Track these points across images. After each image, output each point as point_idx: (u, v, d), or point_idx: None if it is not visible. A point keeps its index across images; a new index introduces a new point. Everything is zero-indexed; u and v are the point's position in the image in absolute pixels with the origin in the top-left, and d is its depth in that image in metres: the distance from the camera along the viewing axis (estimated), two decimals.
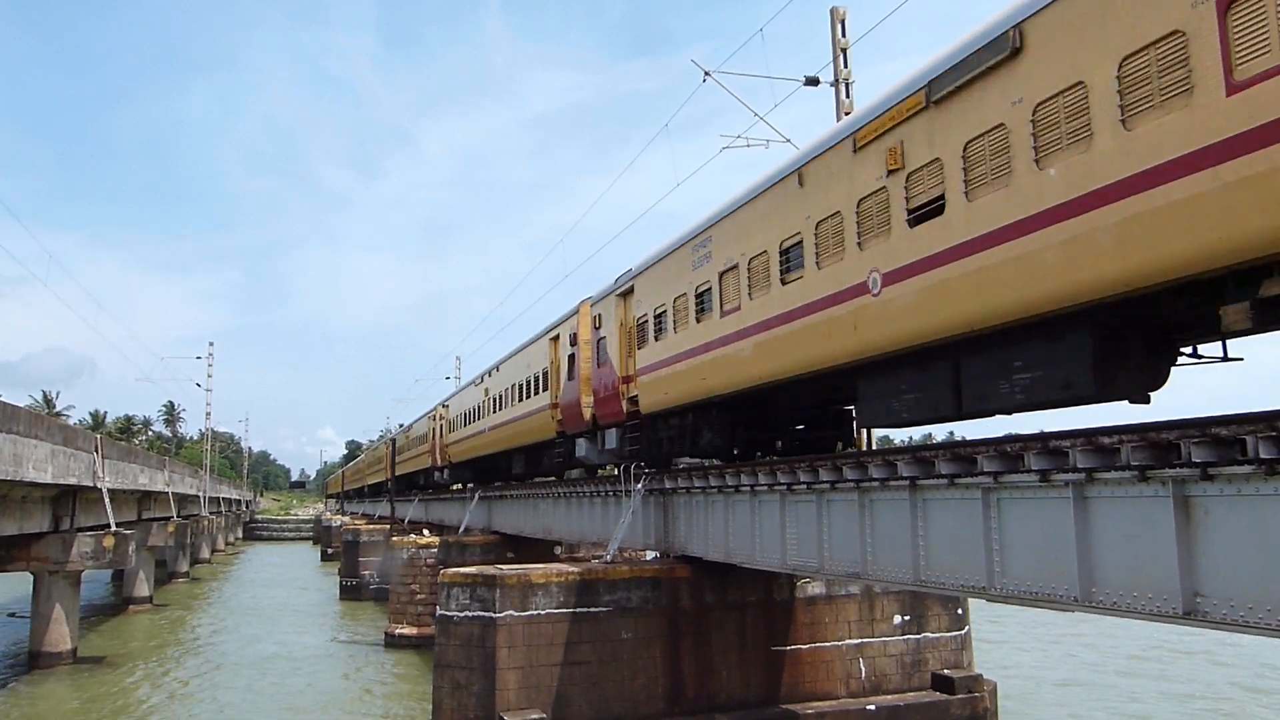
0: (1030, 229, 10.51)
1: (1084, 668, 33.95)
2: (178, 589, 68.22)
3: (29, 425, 28.81)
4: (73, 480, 33.87)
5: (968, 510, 12.08)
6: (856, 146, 13.88)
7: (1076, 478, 10.20)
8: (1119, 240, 9.38)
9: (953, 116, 11.89)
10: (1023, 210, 10.62)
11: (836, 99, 22.31)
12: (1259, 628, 8.41)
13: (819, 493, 15.44)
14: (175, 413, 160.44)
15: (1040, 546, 10.92)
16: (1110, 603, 9.93)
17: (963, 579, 12.27)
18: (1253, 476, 8.42)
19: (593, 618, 19.81)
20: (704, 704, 20.15)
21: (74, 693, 32.26)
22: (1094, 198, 9.67)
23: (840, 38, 22.39)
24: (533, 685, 19.25)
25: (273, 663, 37.99)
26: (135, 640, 44.44)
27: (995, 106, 11.08)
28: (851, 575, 14.92)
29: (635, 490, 22.19)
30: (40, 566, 35.55)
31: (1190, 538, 9.06)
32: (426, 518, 58.22)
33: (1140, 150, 9.15)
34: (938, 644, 22.61)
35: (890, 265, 12.95)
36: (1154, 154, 8.99)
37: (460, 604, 19.89)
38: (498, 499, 39.08)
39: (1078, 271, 9.89)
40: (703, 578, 20.57)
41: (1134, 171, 9.21)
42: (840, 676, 21.54)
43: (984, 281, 11.21)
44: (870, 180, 13.52)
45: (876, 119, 13.46)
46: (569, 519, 28.55)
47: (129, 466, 46.10)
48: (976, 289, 11.32)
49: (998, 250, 10.97)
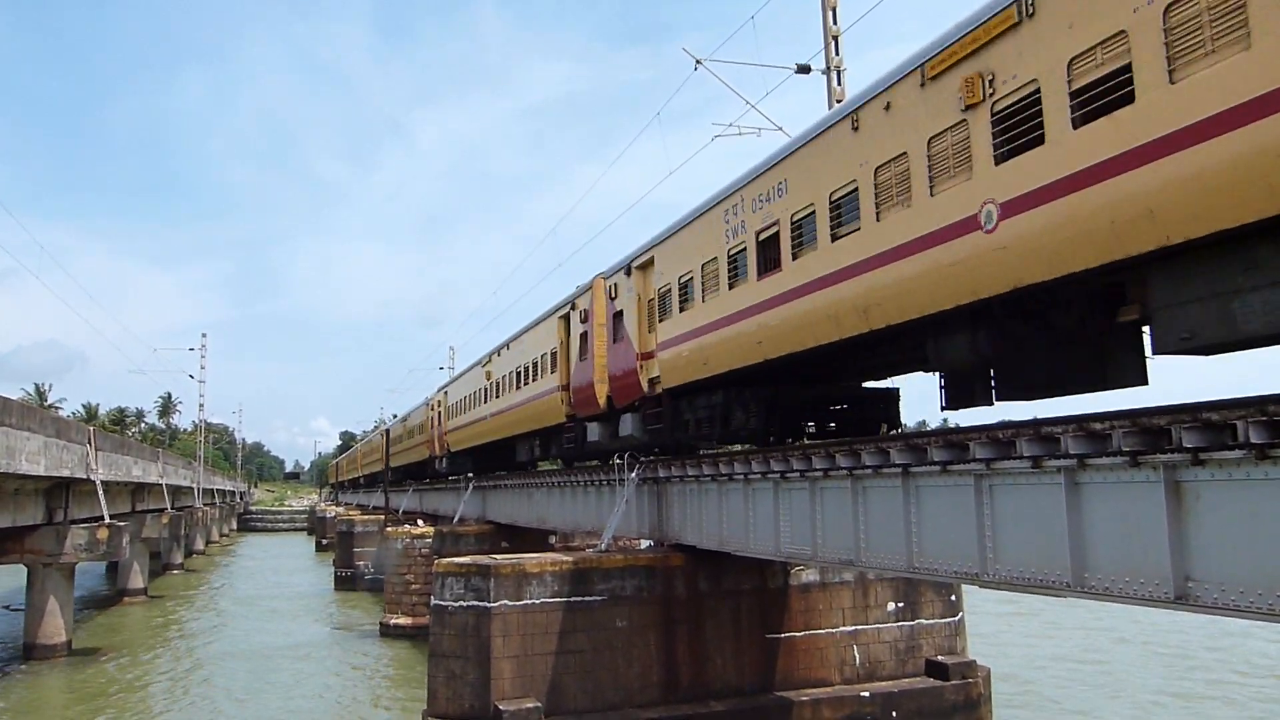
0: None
1: (1078, 651, 34.10)
2: (172, 581, 68.16)
3: (21, 417, 28.74)
4: (66, 472, 33.81)
5: (960, 497, 12.12)
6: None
7: (1068, 464, 10.24)
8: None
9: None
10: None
11: (828, 86, 22.25)
12: (1250, 612, 8.46)
13: (812, 480, 15.47)
14: (171, 404, 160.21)
15: (1033, 532, 10.96)
16: (1102, 588, 9.98)
17: (956, 565, 12.31)
18: (1243, 461, 8.45)
19: (587, 607, 19.86)
20: (699, 692, 20.23)
21: (69, 685, 32.23)
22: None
23: (832, 25, 22.32)
24: (527, 674, 19.30)
25: (268, 653, 38.00)
26: (130, 632, 44.40)
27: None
28: (845, 563, 14.96)
29: (629, 479, 22.20)
30: (34, 559, 35.49)
31: (1181, 523, 9.09)
32: (421, 508, 58.24)
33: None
34: (932, 630, 22.71)
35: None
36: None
37: (455, 594, 19.92)
38: (492, 489, 39.11)
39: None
40: (697, 566, 20.62)
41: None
42: (834, 663, 21.63)
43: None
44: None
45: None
46: (563, 508, 28.57)
47: (122, 458, 46.01)
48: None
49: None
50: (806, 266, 15.16)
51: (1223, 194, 8.44)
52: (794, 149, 15.96)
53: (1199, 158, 8.64)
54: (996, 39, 11.21)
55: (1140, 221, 9.21)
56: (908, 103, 12.86)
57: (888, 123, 13.28)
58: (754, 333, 16.76)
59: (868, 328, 13.60)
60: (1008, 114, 11.04)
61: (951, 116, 11.93)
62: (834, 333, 14.40)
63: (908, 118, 12.86)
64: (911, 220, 12.66)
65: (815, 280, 14.89)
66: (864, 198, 13.73)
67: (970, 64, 11.61)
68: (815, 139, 15.27)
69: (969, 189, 11.60)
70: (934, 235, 12.23)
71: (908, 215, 12.74)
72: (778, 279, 16.05)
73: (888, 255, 13.14)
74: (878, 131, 13.52)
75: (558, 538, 34.20)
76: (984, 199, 11.30)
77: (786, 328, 15.73)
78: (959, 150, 11.85)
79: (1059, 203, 10.19)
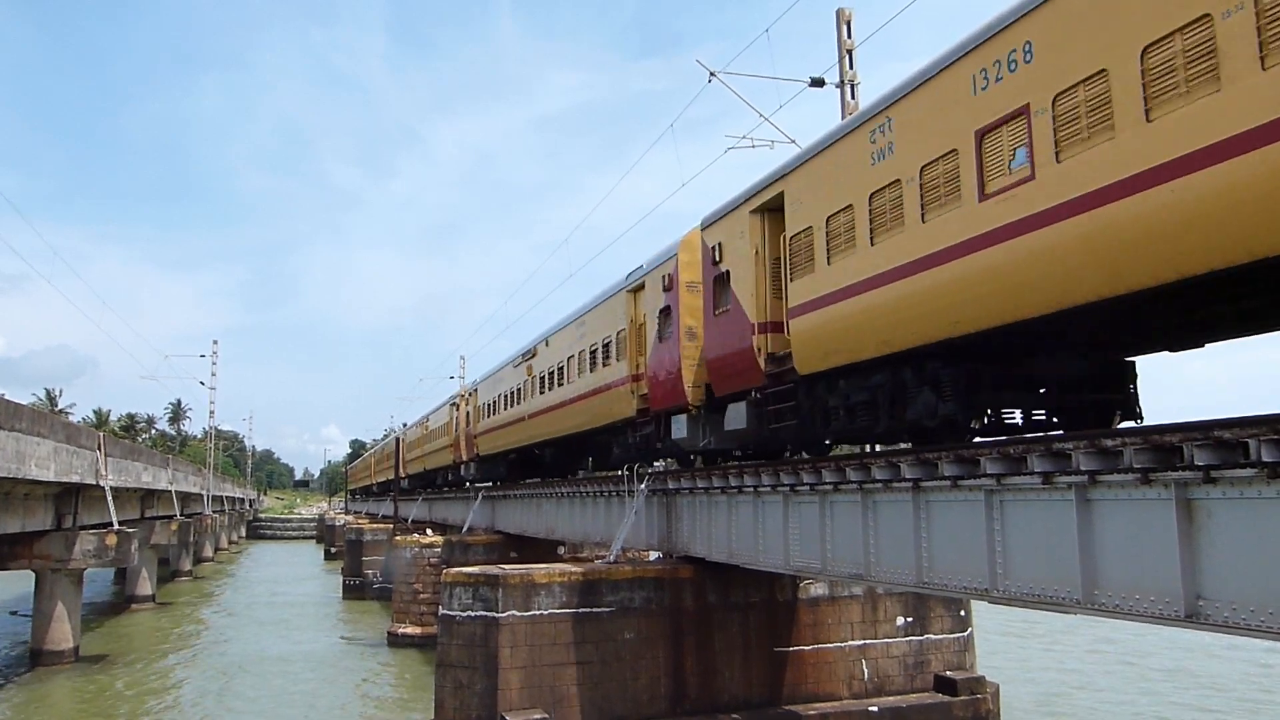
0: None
1: (1087, 669, 33.91)
2: (180, 587, 68.31)
3: (32, 423, 28.85)
4: (75, 478, 33.91)
5: (971, 512, 12.08)
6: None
7: (1079, 480, 10.20)
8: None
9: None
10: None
11: (841, 100, 22.32)
12: (1261, 630, 8.41)
13: (822, 494, 15.44)
14: (181, 410, 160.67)
15: (1043, 549, 10.91)
16: (1113, 605, 9.93)
17: (965, 581, 12.27)
18: (1255, 479, 8.41)
19: (595, 618, 19.83)
20: (706, 705, 20.17)
21: (75, 691, 32.29)
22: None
23: (846, 39, 22.40)
24: (535, 685, 19.27)
25: (275, 662, 38.02)
26: (137, 639, 44.49)
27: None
28: (854, 577, 14.92)
29: (639, 490, 22.18)
30: (42, 564, 35.58)
31: (1192, 540, 9.05)
32: (430, 517, 58.29)
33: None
34: (940, 645, 22.62)
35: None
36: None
37: (463, 603, 19.92)
38: (501, 499, 39.10)
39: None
40: (706, 578, 20.59)
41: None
42: (843, 678, 21.55)
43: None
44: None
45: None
46: (572, 519, 28.56)
47: (132, 464, 46.13)
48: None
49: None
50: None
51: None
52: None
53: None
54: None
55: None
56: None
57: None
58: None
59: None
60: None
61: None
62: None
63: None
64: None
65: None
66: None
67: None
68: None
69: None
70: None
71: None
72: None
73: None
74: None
75: (566, 548, 34.14)
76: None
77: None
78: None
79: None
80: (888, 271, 13.23)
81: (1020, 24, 10.85)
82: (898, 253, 13.03)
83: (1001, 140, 11.14)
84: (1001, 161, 11.15)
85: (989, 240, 11.23)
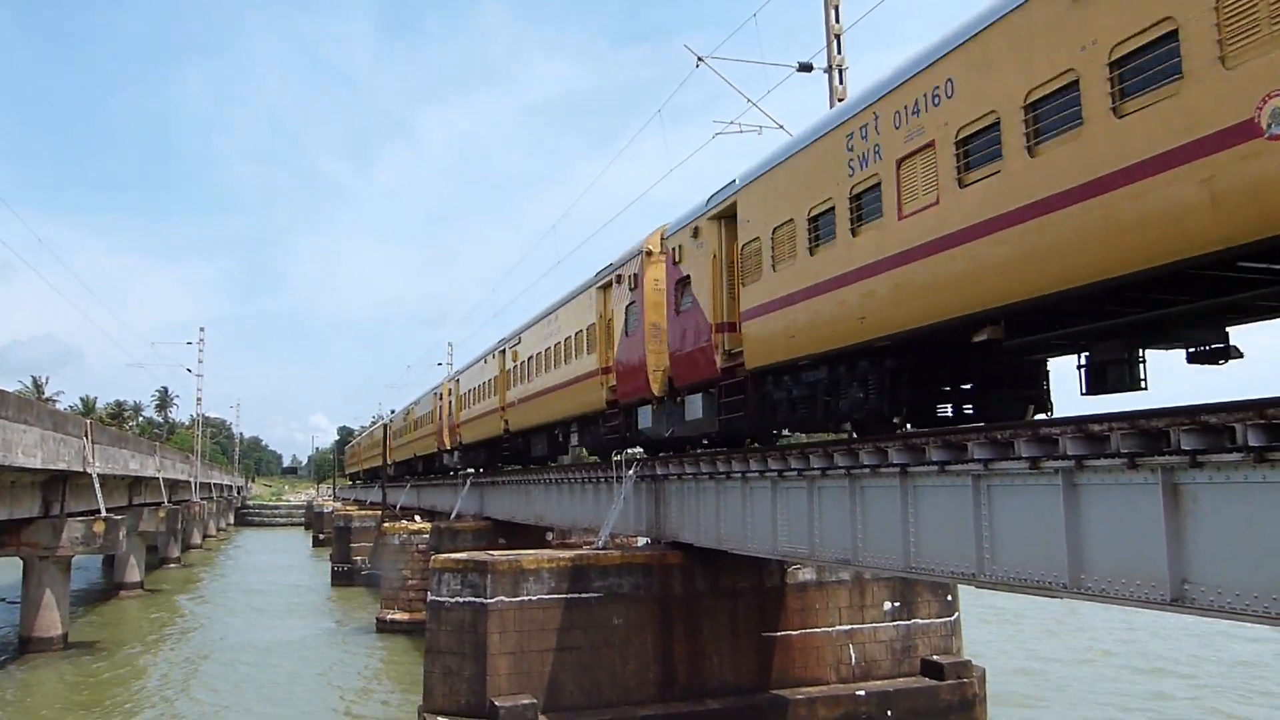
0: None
1: (1074, 652, 34.12)
2: (169, 574, 68.14)
3: (18, 410, 28.68)
4: (63, 465, 33.74)
5: (958, 497, 12.12)
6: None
7: (1066, 465, 10.23)
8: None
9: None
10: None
11: (830, 85, 22.25)
12: (1246, 615, 8.46)
13: (810, 479, 15.47)
14: (168, 398, 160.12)
15: (1030, 533, 10.95)
16: (1099, 589, 9.98)
17: (953, 566, 12.32)
18: (1241, 464, 8.45)
19: (584, 604, 19.85)
20: (695, 690, 20.24)
21: (64, 678, 32.20)
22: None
23: (834, 24, 22.31)
24: (524, 671, 19.30)
25: (264, 648, 37.97)
26: (126, 626, 44.39)
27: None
28: (842, 562, 14.96)
29: (626, 477, 22.18)
30: (30, 552, 35.43)
31: (1179, 525, 9.09)
32: (418, 504, 58.23)
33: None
34: (927, 630, 22.73)
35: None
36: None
37: (451, 590, 19.92)
38: (489, 485, 39.08)
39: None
40: (694, 564, 20.63)
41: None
42: (830, 662, 21.65)
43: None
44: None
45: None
46: (561, 505, 28.57)
47: (119, 452, 45.94)
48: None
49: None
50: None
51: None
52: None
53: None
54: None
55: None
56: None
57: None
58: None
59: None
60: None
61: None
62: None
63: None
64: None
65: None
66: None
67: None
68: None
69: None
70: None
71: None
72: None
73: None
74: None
75: (555, 535, 34.15)
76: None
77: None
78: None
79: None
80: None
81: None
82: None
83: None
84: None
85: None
